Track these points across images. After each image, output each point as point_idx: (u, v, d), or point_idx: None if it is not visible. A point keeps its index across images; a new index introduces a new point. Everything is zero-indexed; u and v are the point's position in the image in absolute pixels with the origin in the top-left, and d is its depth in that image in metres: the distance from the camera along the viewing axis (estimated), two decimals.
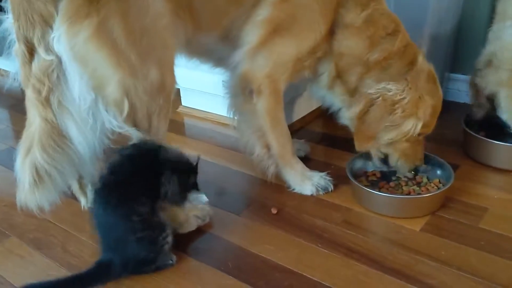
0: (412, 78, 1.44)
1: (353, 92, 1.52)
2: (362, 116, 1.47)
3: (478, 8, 2.04)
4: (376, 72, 1.47)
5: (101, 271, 1.24)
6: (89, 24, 1.18)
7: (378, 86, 1.45)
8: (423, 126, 1.46)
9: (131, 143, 1.37)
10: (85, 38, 1.19)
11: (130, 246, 1.23)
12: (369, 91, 1.46)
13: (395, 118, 1.44)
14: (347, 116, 1.56)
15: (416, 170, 1.60)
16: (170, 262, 1.31)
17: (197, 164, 1.35)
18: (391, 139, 1.48)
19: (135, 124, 1.34)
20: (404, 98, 1.42)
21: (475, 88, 1.73)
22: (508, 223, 1.41)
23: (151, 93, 1.31)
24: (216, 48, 1.54)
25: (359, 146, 1.54)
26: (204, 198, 1.38)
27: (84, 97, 1.26)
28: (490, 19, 1.77)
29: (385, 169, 1.61)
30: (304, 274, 1.27)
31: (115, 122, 1.31)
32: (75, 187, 1.54)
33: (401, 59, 1.46)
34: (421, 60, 1.48)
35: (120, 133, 1.38)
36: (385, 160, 1.59)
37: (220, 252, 1.38)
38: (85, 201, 1.56)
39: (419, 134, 1.49)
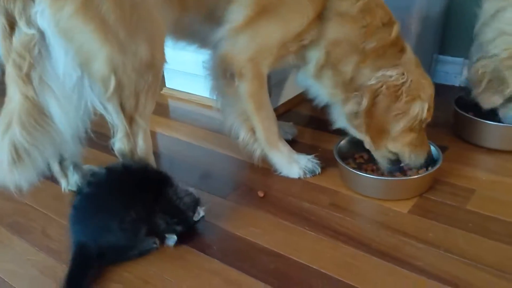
0: (405, 63, 1.43)
1: (348, 85, 1.47)
2: (369, 111, 1.42)
3: None
4: (371, 60, 1.43)
5: (81, 257, 1.20)
6: None
7: (377, 75, 1.41)
8: (427, 109, 1.44)
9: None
10: (71, 12, 1.14)
11: (111, 234, 1.20)
12: (370, 82, 1.42)
13: (401, 104, 1.40)
14: (342, 113, 1.51)
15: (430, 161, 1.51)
16: (154, 245, 1.28)
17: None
18: (402, 128, 1.43)
19: (121, 102, 1.30)
20: (406, 81, 1.40)
21: (496, 78, 1.65)
22: (496, 204, 1.41)
23: (139, 70, 1.27)
24: (201, 29, 1.49)
25: (377, 144, 1.47)
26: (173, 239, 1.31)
27: (70, 74, 1.22)
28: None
29: (397, 170, 1.53)
30: (291, 256, 1.25)
31: (98, 101, 1.27)
32: (56, 169, 1.50)
33: (395, 48, 1.45)
34: (408, 48, 1.47)
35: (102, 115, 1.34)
36: (394, 161, 1.53)
37: (206, 235, 1.36)
38: (66, 184, 1.52)
39: (423, 121, 1.46)
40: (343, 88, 1.49)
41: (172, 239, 1.29)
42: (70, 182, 1.51)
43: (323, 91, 1.56)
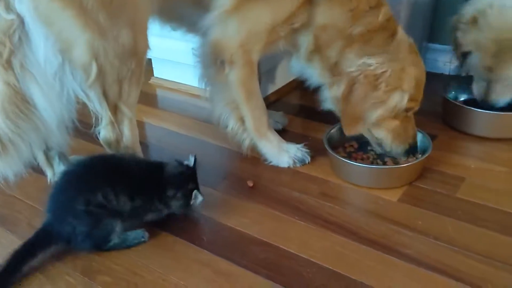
0: (393, 50, 1.39)
1: (333, 68, 1.45)
2: (346, 97, 1.41)
3: None
4: (358, 45, 1.40)
5: (36, 236, 1.20)
6: None
7: (358, 62, 1.39)
8: (410, 100, 1.41)
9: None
10: None
11: (75, 216, 1.19)
12: (349, 69, 1.40)
13: (380, 93, 1.37)
14: (329, 96, 1.50)
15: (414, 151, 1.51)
16: (142, 239, 1.27)
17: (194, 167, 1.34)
18: (379, 116, 1.42)
19: (103, 90, 1.28)
20: (386, 71, 1.37)
21: (454, 39, 1.68)
22: (484, 192, 1.41)
23: (122, 56, 1.25)
24: (189, 13, 1.47)
25: (348, 129, 1.47)
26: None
27: (50, 61, 1.20)
28: None
29: (385, 154, 1.53)
30: (281, 246, 1.25)
31: (80, 89, 1.25)
32: (42, 159, 1.47)
33: (383, 32, 1.41)
34: (400, 31, 1.43)
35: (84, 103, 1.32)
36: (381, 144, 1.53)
37: (195, 226, 1.35)
38: (52, 174, 1.49)
39: (407, 110, 1.44)
40: (330, 72, 1.48)
41: (198, 199, 1.29)
42: (56, 172, 1.48)
43: (314, 73, 1.55)
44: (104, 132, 1.35)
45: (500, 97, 1.65)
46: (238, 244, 1.26)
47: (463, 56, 1.68)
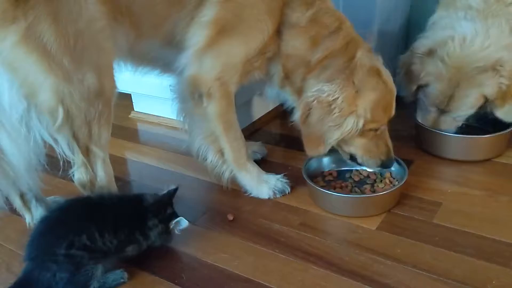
0: (347, 76, 1.41)
1: (299, 93, 1.50)
2: (304, 121, 1.45)
3: (426, 5, 2.07)
4: (317, 71, 1.44)
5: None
6: (16, 29, 1.13)
7: (313, 89, 1.43)
8: (370, 121, 1.44)
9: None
10: (13, 43, 1.14)
11: (56, 261, 1.17)
12: (305, 95, 1.44)
13: (334, 118, 1.41)
14: (295, 118, 1.53)
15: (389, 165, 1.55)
16: (122, 280, 1.26)
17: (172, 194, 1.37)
18: (337, 139, 1.45)
19: (73, 133, 1.28)
20: (338, 97, 1.40)
21: (408, 72, 1.75)
22: (461, 216, 1.43)
23: (88, 99, 1.26)
24: (161, 54, 1.49)
25: (309, 151, 1.51)
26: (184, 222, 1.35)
27: (16, 106, 1.20)
28: None
29: (357, 167, 1.59)
30: (261, 281, 1.24)
31: (46, 133, 1.25)
32: (18, 204, 1.46)
33: (342, 56, 1.44)
34: (359, 55, 1.44)
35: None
36: (353, 158, 1.56)
37: (174, 263, 1.34)
38: (30, 218, 1.48)
39: (372, 129, 1.47)
40: (297, 96, 1.52)
41: (182, 222, 1.32)
42: (34, 216, 1.47)
43: (287, 98, 1.60)
44: (78, 174, 1.35)
45: (447, 127, 1.73)
46: (218, 281, 1.26)
47: (417, 89, 1.75)
